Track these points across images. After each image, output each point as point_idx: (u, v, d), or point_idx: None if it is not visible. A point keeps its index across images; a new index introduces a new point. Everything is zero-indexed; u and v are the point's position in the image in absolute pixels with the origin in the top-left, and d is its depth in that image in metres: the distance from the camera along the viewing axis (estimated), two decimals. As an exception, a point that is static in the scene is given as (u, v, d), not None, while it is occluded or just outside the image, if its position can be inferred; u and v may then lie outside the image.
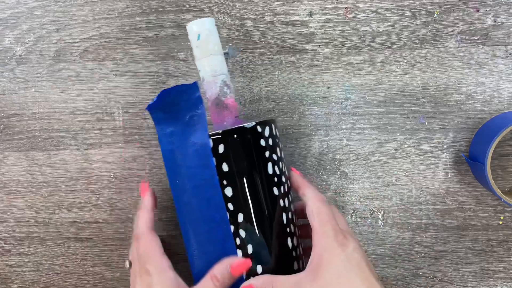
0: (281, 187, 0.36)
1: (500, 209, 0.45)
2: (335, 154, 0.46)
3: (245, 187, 0.34)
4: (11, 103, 0.47)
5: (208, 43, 0.37)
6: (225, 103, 0.38)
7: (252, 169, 0.35)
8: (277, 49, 0.46)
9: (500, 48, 0.45)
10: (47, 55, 0.46)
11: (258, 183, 0.35)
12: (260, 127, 0.36)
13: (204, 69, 0.38)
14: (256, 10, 0.45)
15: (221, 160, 0.34)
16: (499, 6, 0.44)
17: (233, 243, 0.34)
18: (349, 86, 0.46)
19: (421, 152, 0.45)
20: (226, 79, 0.38)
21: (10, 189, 0.47)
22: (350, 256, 0.31)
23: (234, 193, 0.34)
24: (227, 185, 0.34)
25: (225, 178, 0.34)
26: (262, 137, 0.36)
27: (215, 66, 0.37)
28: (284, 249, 0.36)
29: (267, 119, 0.37)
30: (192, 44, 0.38)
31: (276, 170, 0.36)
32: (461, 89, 0.45)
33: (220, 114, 0.38)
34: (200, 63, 0.38)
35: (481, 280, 0.45)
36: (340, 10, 0.45)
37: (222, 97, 0.38)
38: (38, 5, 0.46)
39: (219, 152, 0.34)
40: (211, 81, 0.37)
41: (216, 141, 0.34)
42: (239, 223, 0.34)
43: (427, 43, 0.45)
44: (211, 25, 0.37)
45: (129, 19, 0.46)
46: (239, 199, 0.34)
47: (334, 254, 0.31)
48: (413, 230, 0.46)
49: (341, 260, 0.31)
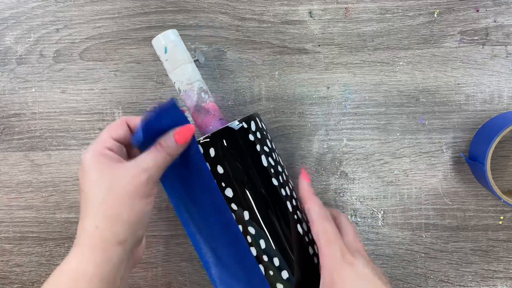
0: (279, 177, 0.36)
1: (500, 209, 0.45)
2: (335, 154, 0.46)
3: (244, 185, 0.34)
4: (11, 103, 0.47)
5: (176, 53, 0.38)
6: (206, 108, 0.38)
7: (247, 166, 0.35)
8: (277, 49, 0.46)
9: (500, 48, 0.45)
10: (47, 55, 0.46)
11: (256, 178, 0.35)
12: (245, 124, 0.36)
13: (178, 80, 0.39)
14: (256, 10, 0.45)
15: (215, 163, 0.34)
16: (499, 6, 0.44)
17: (245, 243, 0.34)
18: (349, 86, 0.46)
19: (421, 152, 0.45)
20: (202, 85, 0.39)
21: (10, 189, 0.47)
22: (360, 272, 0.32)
23: (234, 193, 0.34)
24: (226, 187, 0.34)
25: (223, 180, 0.34)
26: (249, 133, 0.36)
27: (188, 75, 0.38)
28: (297, 236, 0.36)
29: (250, 115, 0.37)
30: (162, 58, 0.39)
31: (270, 161, 0.36)
32: (461, 89, 0.45)
33: (203, 120, 0.38)
34: (173, 75, 0.39)
35: (481, 280, 0.45)
36: (340, 10, 0.45)
37: (202, 103, 0.38)
38: (38, 5, 0.46)
39: (211, 156, 0.34)
40: (188, 89, 0.38)
41: (205, 146, 0.34)
42: (246, 221, 0.34)
43: (427, 43, 0.45)
44: (175, 36, 0.39)
45: (129, 19, 0.46)
46: (241, 198, 0.34)
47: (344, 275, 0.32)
48: (413, 230, 0.46)
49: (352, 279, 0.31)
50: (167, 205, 0.46)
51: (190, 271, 0.46)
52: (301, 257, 0.35)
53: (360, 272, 0.32)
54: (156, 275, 0.46)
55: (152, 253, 0.46)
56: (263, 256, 0.34)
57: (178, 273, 0.46)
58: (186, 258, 0.46)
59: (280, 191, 0.36)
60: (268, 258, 0.34)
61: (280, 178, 0.36)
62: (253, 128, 0.36)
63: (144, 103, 0.46)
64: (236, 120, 0.36)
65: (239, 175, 0.34)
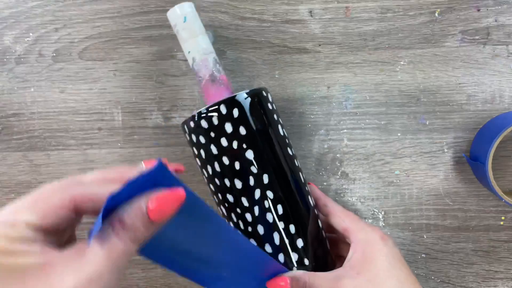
0: (292, 149, 0.37)
1: (501, 210, 0.45)
2: (335, 154, 0.46)
3: (265, 148, 0.35)
4: (10, 103, 0.46)
5: (195, 23, 0.38)
6: (221, 79, 0.38)
7: (269, 130, 0.35)
8: (277, 48, 0.45)
9: (501, 47, 0.44)
10: (46, 54, 0.46)
11: (277, 143, 0.36)
12: (264, 92, 0.37)
13: (195, 49, 0.38)
14: (256, 10, 0.45)
15: (238, 123, 0.34)
16: (500, 6, 0.44)
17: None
18: (350, 85, 0.45)
19: (422, 152, 0.45)
20: (215, 56, 0.39)
21: (10, 190, 0.47)
22: (392, 251, 0.31)
23: (255, 154, 0.34)
24: (247, 148, 0.34)
25: (245, 141, 0.34)
26: (268, 101, 0.37)
27: (205, 45, 0.38)
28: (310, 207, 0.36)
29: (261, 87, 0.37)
30: (178, 27, 0.39)
31: (285, 132, 0.37)
32: (462, 88, 0.45)
33: (217, 90, 0.38)
34: (189, 45, 0.39)
35: (482, 281, 0.45)
36: (340, 9, 0.45)
37: (217, 73, 0.38)
38: (37, 5, 0.46)
39: (235, 117, 0.34)
40: (204, 59, 0.38)
41: (230, 105, 0.34)
42: (265, 184, 0.34)
43: (428, 42, 0.45)
44: (192, 8, 0.39)
45: (128, 18, 0.46)
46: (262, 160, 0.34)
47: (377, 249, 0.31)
48: (414, 231, 0.45)
49: (385, 255, 0.31)
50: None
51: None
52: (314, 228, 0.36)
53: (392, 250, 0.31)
54: (155, 275, 0.46)
55: (151, 253, 0.46)
56: (280, 223, 0.34)
57: (178, 273, 0.46)
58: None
59: (294, 161, 0.37)
60: (284, 224, 0.34)
61: (292, 150, 0.37)
62: (270, 98, 0.37)
63: (144, 103, 0.46)
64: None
65: (262, 137, 0.35)
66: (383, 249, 0.31)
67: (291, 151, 0.37)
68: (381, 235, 0.32)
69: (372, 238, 0.32)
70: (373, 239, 0.32)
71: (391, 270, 0.30)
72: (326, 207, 0.37)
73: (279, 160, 0.35)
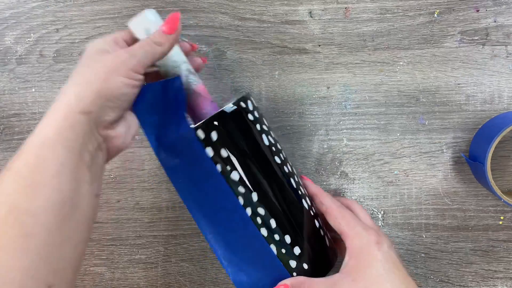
0: (280, 155, 0.36)
1: (500, 209, 0.45)
2: (335, 154, 0.46)
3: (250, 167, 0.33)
4: (11, 103, 0.47)
5: None
6: (197, 90, 0.35)
7: (251, 147, 0.34)
8: (277, 49, 0.46)
9: (500, 48, 0.45)
10: (47, 55, 0.46)
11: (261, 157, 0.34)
12: (243, 103, 0.35)
13: (163, 64, 0.35)
14: (256, 10, 0.45)
15: (218, 147, 0.33)
16: (499, 6, 0.44)
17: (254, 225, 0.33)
18: (349, 86, 0.45)
19: (421, 152, 0.45)
20: (188, 67, 0.36)
21: (10, 189, 0.47)
22: (386, 255, 0.32)
23: (240, 176, 0.33)
24: (231, 170, 0.33)
25: (228, 164, 0.33)
26: (249, 112, 0.35)
27: (174, 57, 0.35)
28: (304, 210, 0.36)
29: (243, 95, 0.35)
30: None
31: (270, 140, 0.36)
32: (461, 89, 0.45)
33: (196, 103, 0.36)
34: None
35: (481, 280, 0.45)
36: (340, 10, 0.45)
37: (192, 85, 0.35)
38: (38, 5, 0.46)
39: (213, 140, 0.33)
40: (175, 73, 0.35)
41: (207, 130, 0.33)
42: (255, 202, 0.33)
43: (427, 43, 0.45)
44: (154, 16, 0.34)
45: (129, 19, 0.46)
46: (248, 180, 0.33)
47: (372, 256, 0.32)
48: (413, 230, 0.46)
49: (379, 260, 0.31)
50: (167, 205, 0.46)
51: (190, 271, 0.46)
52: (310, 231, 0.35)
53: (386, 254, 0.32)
54: (156, 275, 0.46)
55: (152, 253, 0.46)
56: (275, 236, 0.34)
57: (178, 273, 0.46)
58: (186, 258, 0.46)
59: (283, 168, 0.36)
60: (279, 236, 0.34)
61: (281, 156, 0.36)
62: (251, 107, 0.35)
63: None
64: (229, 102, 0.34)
65: (244, 157, 0.33)
66: (377, 255, 0.32)
67: (279, 158, 0.36)
68: (376, 240, 0.32)
69: (366, 244, 0.32)
70: (367, 245, 0.32)
71: (385, 275, 0.31)
72: (323, 206, 0.36)
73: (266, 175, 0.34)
